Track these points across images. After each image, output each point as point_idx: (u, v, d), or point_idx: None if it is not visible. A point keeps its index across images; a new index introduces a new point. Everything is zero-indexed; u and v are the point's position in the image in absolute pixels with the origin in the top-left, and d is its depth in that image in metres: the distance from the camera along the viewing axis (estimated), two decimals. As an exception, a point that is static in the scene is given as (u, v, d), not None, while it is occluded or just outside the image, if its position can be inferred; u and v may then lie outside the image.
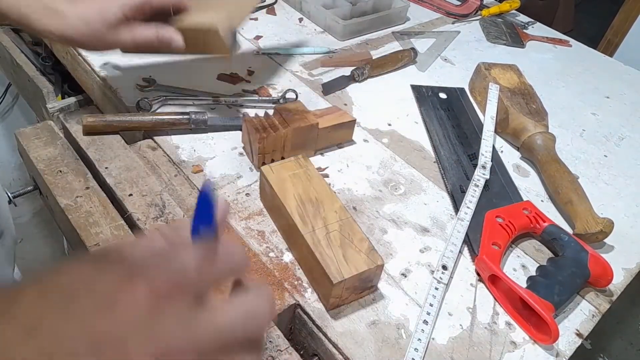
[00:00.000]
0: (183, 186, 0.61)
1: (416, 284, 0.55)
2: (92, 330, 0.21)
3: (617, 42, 1.79)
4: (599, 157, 0.79)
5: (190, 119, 0.68)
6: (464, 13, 1.15)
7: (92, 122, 0.64)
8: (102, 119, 0.65)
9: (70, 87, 0.98)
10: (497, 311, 0.54)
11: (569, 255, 0.57)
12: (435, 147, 0.74)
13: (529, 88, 0.83)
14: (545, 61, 1.02)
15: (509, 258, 0.60)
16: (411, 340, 0.49)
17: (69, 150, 0.62)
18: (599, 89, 0.96)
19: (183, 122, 0.68)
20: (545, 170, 0.70)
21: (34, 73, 1.00)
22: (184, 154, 0.66)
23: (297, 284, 0.53)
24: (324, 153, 0.70)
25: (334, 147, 0.71)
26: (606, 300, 0.57)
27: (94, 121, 0.64)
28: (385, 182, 0.67)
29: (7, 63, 1.10)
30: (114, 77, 0.76)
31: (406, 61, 0.91)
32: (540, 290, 0.53)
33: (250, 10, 0.67)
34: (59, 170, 0.59)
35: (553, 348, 0.51)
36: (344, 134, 0.71)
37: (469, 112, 0.82)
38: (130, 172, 0.60)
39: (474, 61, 0.91)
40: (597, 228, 0.60)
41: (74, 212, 0.54)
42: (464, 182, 0.68)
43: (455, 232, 0.59)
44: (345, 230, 0.52)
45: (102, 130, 0.65)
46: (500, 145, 0.78)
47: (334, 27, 0.97)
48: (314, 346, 0.51)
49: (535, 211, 0.62)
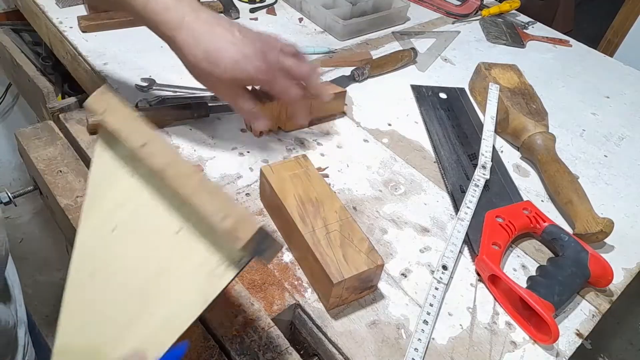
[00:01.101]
0: (183, 186, 0.61)
1: (416, 284, 0.55)
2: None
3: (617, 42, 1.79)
4: (599, 157, 0.79)
5: (192, 105, 0.70)
6: (464, 13, 1.15)
7: (97, 121, 0.64)
8: None
9: (70, 87, 0.98)
10: (497, 311, 0.54)
11: (569, 255, 0.57)
12: (435, 147, 0.74)
13: (529, 88, 0.83)
14: (545, 61, 1.02)
15: (509, 258, 0.60)
16: (411, 340, 0.49)
17: (69, 150, 0.62)
18: (599, 89, 0.96)
19: (186, 116, 0.70)
20: (545, 170, 0.70)
21: (34, 73, 1.00)
22: (183, 154, 0.66)
23: (297, 284, 0.53)
24: (324, 153, 0.70)
25: (333, 147, 0.71)
26: (606, 300, 0.57)
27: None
28: (385, 182, 0.67)
29: (7, 63, 1.10)
30: (114, 77, 0.76)
31: (406, 61, 0.91)
32: (540, 290, 0.52)
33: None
34: (59, 170, 0.59)
35: (553, 348, 0.51)
36: (336, 105, 0.75)
37: (469, 112, 0.82)
38: (130, 172, 0.60)
39: (474, 61, 0.91)
40: (597, 228, 0.60)
41: (74, 212, 0.54)
42: (464, 182, 0.68)
43: (455, 232, 0.59)
44: (346, 230, 0.52)
45: None
46: (500, 145, 0.78)
47: (334, 27, 0.97)
48: (314, 346, 0.51)
49: (535, 211, 0.62)
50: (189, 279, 0.36)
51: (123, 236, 0.40)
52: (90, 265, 0.39)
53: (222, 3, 0.98)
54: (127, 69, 0.78)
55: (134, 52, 0.82)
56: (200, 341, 0.45)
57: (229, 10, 0.98)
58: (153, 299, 0.36)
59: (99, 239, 0.40)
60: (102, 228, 0.40)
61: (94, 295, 0.38)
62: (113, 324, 0.36)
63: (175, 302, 0.36)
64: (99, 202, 0.42)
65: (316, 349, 0.51)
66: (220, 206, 0.35)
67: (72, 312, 0.37)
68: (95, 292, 0.38)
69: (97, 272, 0.39)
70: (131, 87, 0.75)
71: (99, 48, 0.82)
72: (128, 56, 0.81)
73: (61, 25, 0.86)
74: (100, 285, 0.38)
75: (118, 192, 0.41)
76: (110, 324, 0.36)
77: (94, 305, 0.38)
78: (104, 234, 0.40)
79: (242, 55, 0.55)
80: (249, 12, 1.00)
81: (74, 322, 0.37)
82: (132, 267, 0.38)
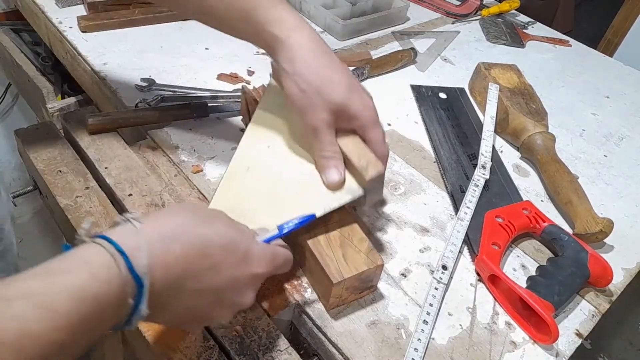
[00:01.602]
0: (183, 186, 0.61)
1: (416, 284, 0.55)
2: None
3: (617, 42, 1.79)
4: (599, 157, 0.79)
5: (192, 105, 0.70)
6: (463, 13, 1.15)
7: (96, 121, 0.64)
8: (107, 117, 0.65)
9: (70, 87, 0.98)
10: (497, 311, 0.54)
11: (568, 255, 0.57)
12: (435, 147, 0.74)
13: (529, 88, 0.83)
14: (545, 61, 1.02)
15: (508, 258, 0.60)
16: (411, 340, 0.49)
17: (69, 150, 0.62)
18: (599, 89, 0.96)
19: (186, 115, 0.69)
20: (545, 170, 0.70)
21: (33, 73, 1.00)
22: (183, 154, 0.66)
23: (297, 284, 0.53)
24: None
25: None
26: (606, 300, 0.57)
27: (98, 120, 0.64)
28: (385, 182, 0.67)
29: (7, 63, 1.10)
30: (114, 77, 0.76)
31: (406, 61, 0.91)
32: (540, 290, 0.52)
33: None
34: (59, 170, 0.59)
35: (553, 348, 0.51)
36: None
37: (468, 112, 0.82)
38: (130, 172, 0.60)
39: (474, 61, 0.91)
40: (597, 228, 0.60)
41: (74, 212, 0.54)
42: (464, 182, 0.68)
43: (455, 232, 0.59)
44: (345, 231, 0.52)
45: (107, 128, 0.65)
46: (500, 145, 0.78)
47: (333, 27, 0.97)
48: (314, 346, 0.51)
49: (535, 211, 0.62)
50: (319, 191, 0.51)
51: (276, 152, 0.54)
52: (247, 163, 0.53)
53: (222, 3, 0.98)
54: (127, 69, 0.78)
55: (133, 52, 0.82)
56: (200, 341, 0.45)
57: (228, 10, 0.97)
58: (293, 195, 0.51)
59: (256, 150, 0.54)
60: (259, 143, 0.55)
61: (248, 184, 0.52)
62: (261, 202, 0.51)
63: (307, 199, 0.51)
64: (261, 124, 0.56)
65: (316, 349, 0.51)
66: (358, 149, 0.51)
67: (228, 189, 0.51)
68: (249, 181, 0.52)
69: (252, 168, 0.53)
70: (131, 87, 0.75)
71: (98, 48, 0.82)
72: (128, 56, 0.81)
73: (61, 25, 0.86)
74: (254, 176, 0.53)
75: (277, 124, 0.56)
76: (258, 202, 0.51)
77: (247, 190, 0.52)
78: (260, 148, 0.55)
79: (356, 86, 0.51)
80: (248, 12, 1.00)
81: (229, 195, 0.51)
82: (280, 171, 0.53)
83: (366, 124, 0.51)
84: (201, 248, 0.37)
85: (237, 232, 0.40)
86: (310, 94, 0.49)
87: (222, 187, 0.51)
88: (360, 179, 0.51)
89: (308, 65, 0.49)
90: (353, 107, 0.50)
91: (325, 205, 0.50)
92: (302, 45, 0.49)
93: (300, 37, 0.50)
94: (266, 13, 0.49)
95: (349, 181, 0.52)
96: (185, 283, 0.36)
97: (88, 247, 0.33)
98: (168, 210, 0.41)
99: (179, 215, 0.38)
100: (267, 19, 0.49)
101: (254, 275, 0.40)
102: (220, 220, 0.40)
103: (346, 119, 0.51)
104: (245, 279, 0.40)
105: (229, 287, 0.39)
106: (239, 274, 0.39)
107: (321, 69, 0.49)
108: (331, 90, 0.49)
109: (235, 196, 0.51)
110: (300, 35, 0.50)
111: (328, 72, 0.50)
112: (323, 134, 0.50)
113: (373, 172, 0.50)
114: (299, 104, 0.50)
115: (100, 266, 0.31)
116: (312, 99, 0.49)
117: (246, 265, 0.40)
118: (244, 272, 0.40)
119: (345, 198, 0.51)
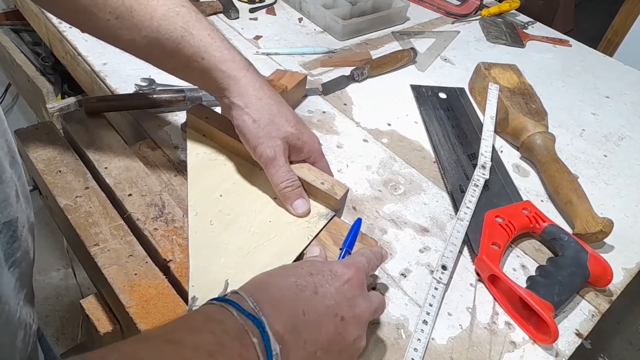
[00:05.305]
0: (183, 186, 0.61)
1: (416, 284, 0.55)
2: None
3: (617, 42, 1.79)
4: (599, 157, 0.79)
5: (186, 96, 0.71)
6: (463, 13, 1.15)
7: (94, 103, 0.67)
8: (103, 100, 0.68)
9: (70, 87, 0.98)
10: (496, 311, 0.54)
11: (568, 255, 0.57)
12: (435, 147, 0.74)
13: (529, 88, 0.83)
14: (545, 61, 1.02)
15: (508, 258, 0.60)
16: (411, 340, 0.49)
17: (69, 150, 0.62)
18: (599, 89, 0.96)
19: (179, 99, 0.71)
20: (545, 170, 0.70)
21: (33, 73, 1.00)
22: (183, 154, 0.66)
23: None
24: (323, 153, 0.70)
25: (332, 146, 0.71)
26: (606, 300, 0.57)
27: (95, 102, 0.67)
28: (385, 182, 0.67)
29: (7, 63, 1.10)
30: (114, 77, 0.76)
31: (406, 61, 0.91)
32: (540, 290, 0.52)
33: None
34: (59, 170, 0.59)
35: (553, 348, 0.51)
36: (300, 91, 0.78)
37: (468, 112, 0.82)
38: (129, 172, 0.60)
39: (474, 61, 0.91)
40: (597, 228, 0.60)
41: (74, 212, 0.54)
42: (464, 182, 0.68)
43: (455, 232, 0.59)
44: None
45: (104, 110, 0.67)
46: (500, 145, 0.78)
47: (333, 27, 0.97)
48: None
49: (535, 211, 0.62)
50: (292, 227, 0.53)
51: (230, 199, 0.55)
52: (207, 217, 0.53)
53: (222, 3, 0.98)
54: (126, 69, 0.78)
55: (133, 52, 0.82)
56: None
57: (228, 10, 0.97)
58: (266, 239, 0.51)
59: (209, 201, 0.54)
60: (209, 195, 0.55)
61: (217, 239, 0.51)
62: (234, 255, 0.49)
63: (284, 240, 0.51)
64: (200, 180, 0.57)
65: (316, 349, 0.51)
66: (317, 175, 0.55)
67: (200, 247, 0.50)
68: (218, 236, 0.51)
69: (214, 221, 0.52)
70: (131, 87, 0.75)
71: (98, 48, 0.81)
72: (127, 56, 0.81)
73: (60, 25, 0.86)
74: (218, 229, 0.52)
75: (216, 173, 0.57)
76: (232, 256, 0.49)
77: (217, 243, 0.50)
78: (213, 198, 0.55)
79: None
80: (248, 12, 1.00)
81: (203, 253, 0.49)
82: (244, 218, 0.53)
83: (316, 155, 0.57)
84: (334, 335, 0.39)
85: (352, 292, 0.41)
86: (264, 124, 0.52)
87: (193, 247, 0.50)
88: (330, 200, 0.54)
89: (259, 99, 0.53)
90: (303, 137, 0.55)
91: (305, 237, 0.52)
92: (252, 82, 0.53)
93: (250, 75, 0.53)
94: (219, 54, 0.52)
95: (317, 207, 0.55)
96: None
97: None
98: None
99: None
100: (218, 59, 0.52)
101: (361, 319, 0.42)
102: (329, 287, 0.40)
103: (298, 149, 0.55)
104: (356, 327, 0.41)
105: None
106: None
107: (271, 104, 0.53)
108: (283, 121, 0.53)
109: (211, 254, 0.50)
110: (250, 74, 0.54)
111: (277, 106, 0.54)
112: (279, 161, 0.53)
113: (341, 192, 0.54)
114: (253, 134, 0.53)
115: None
116: (265, 128, 0.52)
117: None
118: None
119: (320, 224, 0.53)
